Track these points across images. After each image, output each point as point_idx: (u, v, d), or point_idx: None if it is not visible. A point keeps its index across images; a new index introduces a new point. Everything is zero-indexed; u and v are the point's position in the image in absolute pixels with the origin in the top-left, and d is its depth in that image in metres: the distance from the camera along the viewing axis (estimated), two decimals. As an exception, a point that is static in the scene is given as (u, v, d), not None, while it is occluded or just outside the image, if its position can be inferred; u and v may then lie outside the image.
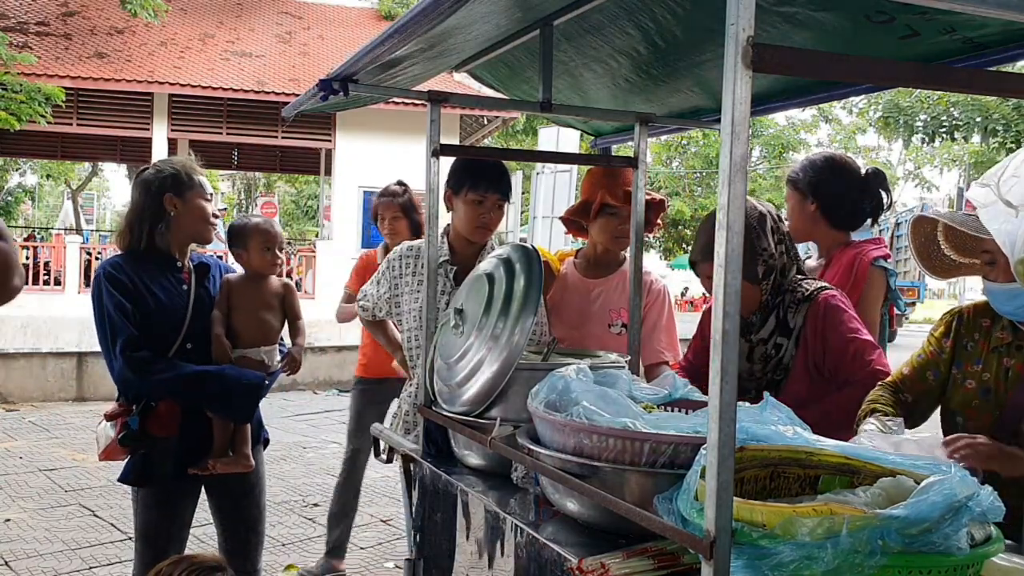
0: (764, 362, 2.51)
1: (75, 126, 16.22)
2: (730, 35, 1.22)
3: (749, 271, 2.43)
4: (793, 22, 2.20)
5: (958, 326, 2.23)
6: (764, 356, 2.50)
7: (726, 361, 1.26)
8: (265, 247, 3.21)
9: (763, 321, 2.51)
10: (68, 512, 6.08)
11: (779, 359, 2.48)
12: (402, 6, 22.00)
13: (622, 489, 1.69)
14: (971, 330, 2.19)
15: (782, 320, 2.49)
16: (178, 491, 3.04)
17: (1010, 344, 2.10)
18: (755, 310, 2.51)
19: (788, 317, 2.48)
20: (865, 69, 1.45)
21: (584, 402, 1.79)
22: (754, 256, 2.46)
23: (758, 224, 2.51)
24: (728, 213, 1.26)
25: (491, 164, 3.14)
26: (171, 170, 3.06)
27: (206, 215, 3.05)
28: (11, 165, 30.49)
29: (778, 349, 2.49)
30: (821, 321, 2.46)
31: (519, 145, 22.43)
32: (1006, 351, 2.11)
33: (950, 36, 2.09)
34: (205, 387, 2.96)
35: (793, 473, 1.72)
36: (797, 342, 2.47)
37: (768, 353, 2.50)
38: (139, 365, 2.86)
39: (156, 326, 2.94)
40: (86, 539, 5.48)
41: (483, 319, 2.37)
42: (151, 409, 2.94)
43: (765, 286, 2.50)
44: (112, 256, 3.11)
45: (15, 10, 17.19)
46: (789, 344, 2.48)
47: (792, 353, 2.47)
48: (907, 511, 1.30)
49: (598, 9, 2.43)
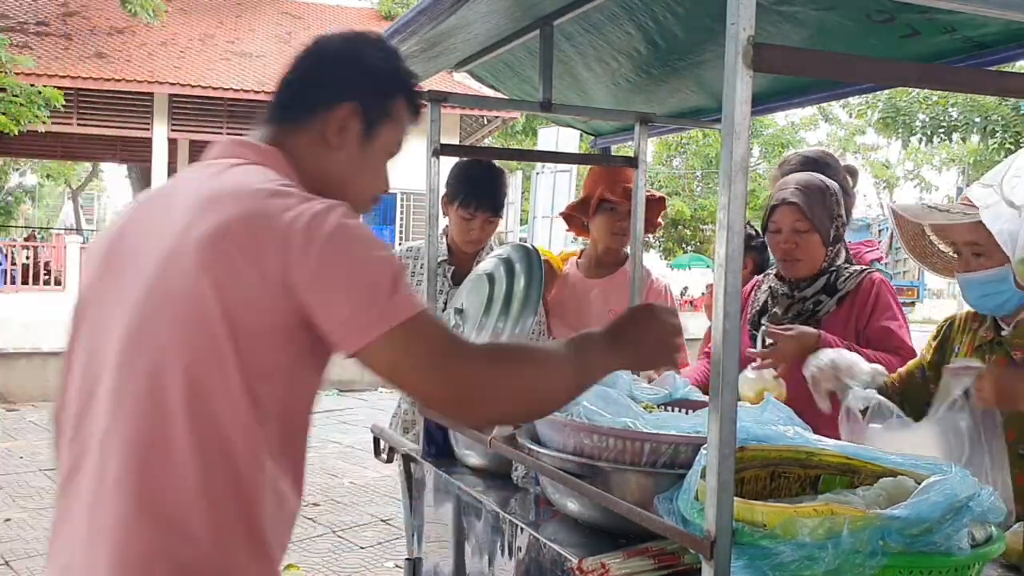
0: (797, 315, 2.54)
1: (75, 126, 16.21)
2: (730, 35, 1.22)
3: (824, 230, 2.51)
4: (793, 21, 2.20)
5: (948, 331, 2.23)
6: (800, 311, 2.55)
7: (727, 360, 1.26)
8: None
9: (813, 281, 2.56)
10: (68, 512, 6.08)
11: (814, 312, 2.53)
12: (402, 6, 22.01)
13: (623, 489, 1.69)
14: (960, 333, 2.19)
15: (830, 284, 2.55)
16: None
17: (992, 341, 2.09)
18: (816, 271, 2.54)
19: (838, 282, 2.54)
20: (866, 69, 1.45)
21: (584, 402, 1.78)
22: (832, 219, 2.54)
23: (839, 192, 2.59)
24: (729, 213, 1.26)
25: (485, 178, 3.14)
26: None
27: None
28: (11, 165, 30.51)
29: (816, 304, 2.54)
30: (875, 291, 2.52)
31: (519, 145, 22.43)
32: (988, 348, 2.10)
33: (951, 36, 2.09)
34: None
35: (794, 473, 1.72)
36: (839, 302, 2.51)
37: (805, 308, 2.55)
38: None
39: None
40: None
41: (483, 319, 2.37)
42: None
43: (831, 251, 2.55)
44: None
45: (15, 10, 17.19)
46: (830, 302, 2.52)
47: (830, 310, 2.51)
48: (908, 511, 1.30)
49: (598, 9, 2.43)
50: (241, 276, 1.25)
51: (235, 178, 1.36)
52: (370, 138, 1.49)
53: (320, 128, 1.45)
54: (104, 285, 1.37)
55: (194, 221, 1.28)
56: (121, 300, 1.32)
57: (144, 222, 1.40)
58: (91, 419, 1.32)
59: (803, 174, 2.65)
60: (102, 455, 1.29)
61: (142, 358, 1.28)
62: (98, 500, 1.28)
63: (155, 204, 1.44)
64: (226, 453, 1.27)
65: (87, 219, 35.98)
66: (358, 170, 1.50)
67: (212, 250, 1.25)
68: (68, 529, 1.34)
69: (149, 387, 1.27)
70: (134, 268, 1.33)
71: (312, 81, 1.48)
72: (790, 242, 2.51)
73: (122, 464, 1.27)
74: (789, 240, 2.51)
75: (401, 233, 18.03)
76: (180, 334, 1.26)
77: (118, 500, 1.26)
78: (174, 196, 1.39)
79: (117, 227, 1.44)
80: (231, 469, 1.28)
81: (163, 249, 1.29)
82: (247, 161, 1.41)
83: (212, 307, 1.24)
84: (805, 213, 2.47)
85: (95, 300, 1.39)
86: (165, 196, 1.44)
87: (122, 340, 1.30)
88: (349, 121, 1.46)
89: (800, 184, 2.52)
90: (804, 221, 2.48)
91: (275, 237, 1.25)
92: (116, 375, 1.30)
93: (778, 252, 2.56)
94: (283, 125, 1.47)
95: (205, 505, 1.26)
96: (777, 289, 2.62)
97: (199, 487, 1.26)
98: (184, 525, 1.26)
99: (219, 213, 1.28)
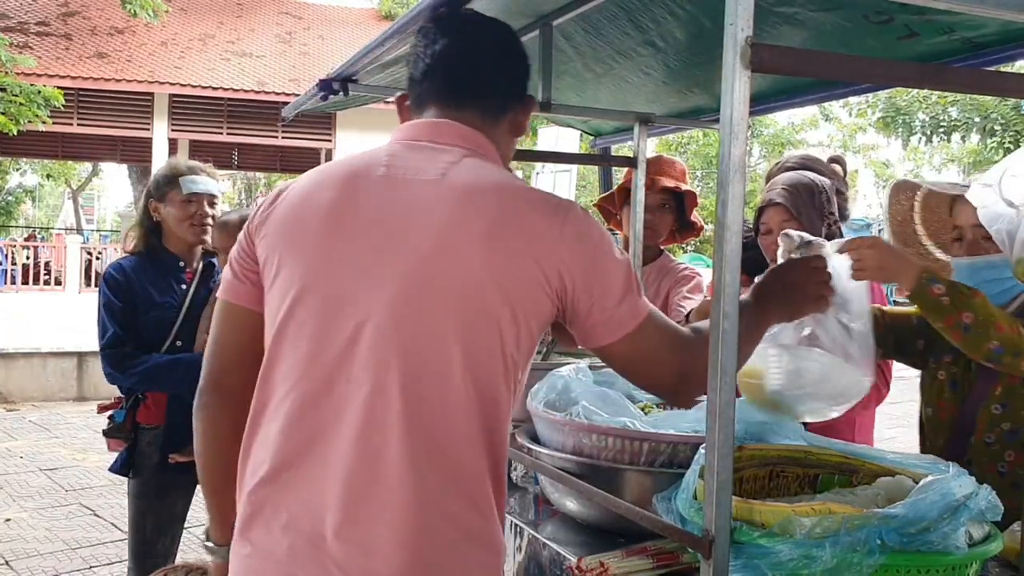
0: None
1: (75, 126, 16.22)
2: (729, 35, 1.22)
3: (815, 229, 2.49)
4: (792, 22, 2.20)
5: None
6: None
7: (725, 360, 1.26)
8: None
9: None
10: (68, 512, 6.08)
11: None
12: (402, 6, 21.99)
13: (621, 488, 1.69)
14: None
15: None
16: (168, 482, 3.09)
17: None
18: None
19: None
20: (864, 69, 1.45)
21: (583, 401, 1.79)
22: (823, 217, 2.54)
23: (830, 191, 2.59)
24: (728, 212, 1.26)
25: None
26: (157, 176, 3.16)
27: (186, 216, 3.08)
28: (11, 165, 30.51)
29: None
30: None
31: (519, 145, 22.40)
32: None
33: (949, 36, 2.09)
34: (176, 372, 3.00)
35: (792, 472, 1.72)
36: None
37: None
38: (117, 359, 2.99)
39: (150, 324, 3.05)
40: (86, 538, 5.49)
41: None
42: (141, 400, 3.09)
43: None
44: (120, 258, 3.23)
45: (15, 10, 17.19)
46: None
47: None
48: (905, 510, 1.31)
49: (597, 9, 2.43)
50: (522, 271, 1.33)
51: (484, 173, 1.42)
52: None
53: (513, 118, 1.56)
54: (339, 253, 1.38)
55: (463, 213, 1.34)
56: (375, 272, 1.34)
57: (385, 200, 1.39)
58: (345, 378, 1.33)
59: (792, 173, 2.63)
60: (374, 415, 1.31)
61: (419, 330, 1.32)
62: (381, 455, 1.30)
63: (392, 184, 1.41)
64: (499, 435, 1.38)
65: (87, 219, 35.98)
66: (512, 152, 1.63)
67: (493, 247, 1.32)
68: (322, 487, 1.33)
69: (431, 356, 1.32)
70: (389, 244, 1.35)
71: (509, 73, 1.56)
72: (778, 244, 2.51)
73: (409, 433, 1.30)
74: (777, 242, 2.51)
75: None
76: (461, 316, 1.32)
77: (408, 463, 1.30)
78: (410, 182, 1.40)
79: (332, 205, 1.42)
80: (500, 447, 1.38)
81: (431, 234, 1.34)
82: (470, 150, 1.46)
83: (494, 296, 1.32)
84: (792, 213, 2.47)
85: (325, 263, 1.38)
86: (395, 179, 1.42)
87: (389, 313, 1.32)
88: (526, 116, 1.59)
89: (787, 184, 2.52)
90: (792, 221, 2.47)
91: (549, 236, 1.34)
92: (385, 343, 1.32)
93: (770, 253, 2.56)
94: (486, 111, 1.52)
95: (486, 472, 1.35)
96: None
97: (483, 463, 1.35)
98: (470, 493, 1.33)
99: (491, 209, 1.35)
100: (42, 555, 5.20)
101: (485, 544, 1.34)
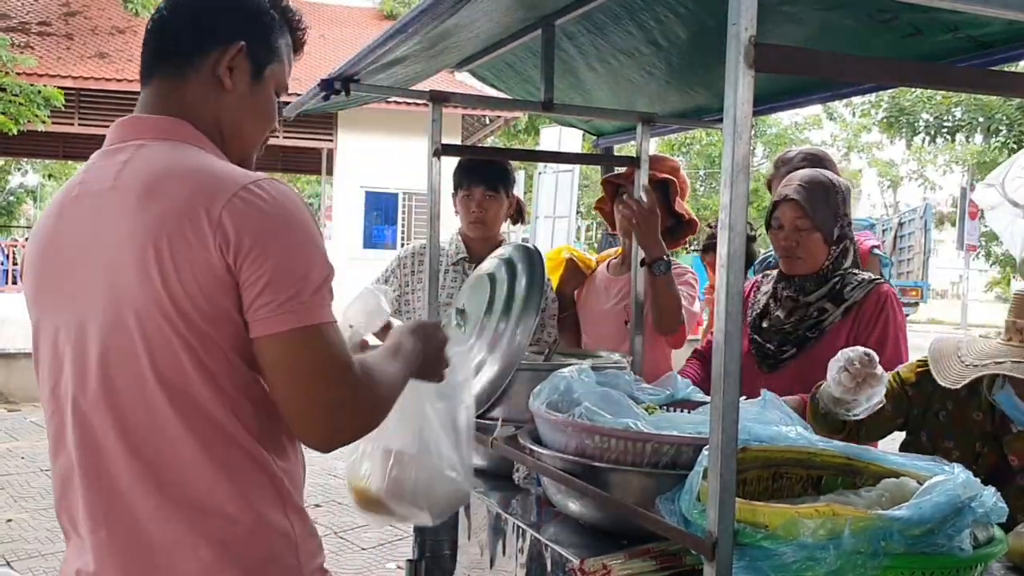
0: (800, 320, 2.51)
1: (76, 126, 16.20)
2: (732, 35, 1.22)
3: (827, 229, 2.48)
4: (796, 21, 2.19)
5: (931, 388, 2.08)
6: (804, 316, 2.52)
7: (728, 361, 1.26)
8: None
9: (818, 286, 2.52)
10: (70, 512, 6.08)
11: (818, 321, 2.49)
12: (404, 5, 21.99)
13: (624, 490, 1.68)
14: (945, 398, 2.08)
15: (836, 291, 2.51)
16: None
17: (987, 433, 2.01)
18: (818, 269, 2.52)
19: (844, 291, 2.50)
20: (867, 68, 1.44)
21: (586, 402, 1.78)
22: (836, 218, 2.50)
23: (845, 191, 2.57)
24: (730, 213, 1.25)
25: (480, 162, 3.15)
26: None
27: None
28: (13, 165, 30.52)
29: (821, 312, 2.50)
30: (883, 306, 2.47)
31: (521, 144, 22.43)
32: (980, 437, 2.02)
33: (953, 35, 2.08)
34: None
35: (796, 474, 1.71)
36: (846, 312, 2.48)
37: (809, 314, 2.51)
38: None
39: None
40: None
41: (485, 319, 2.37)
42: None
43: (834, 250, 2.52)
44: None
45: (17, 10, 17.21)
46: (836, 312, 2.48)
47: (835, 320, 2.48)
48: (910, 512, 1.30)
49: (600, 8, 2.42)
50: (192, 264, 1.24)
51: (155, 163, 1.33)
52: (259, 78, 1.48)
53: (210, 71, 1.43)
54: (49, 299, 1.39)
55: (131, 219, 1.27)
56: (76, 314, 1.33)
57: (75, 226, 1.37)
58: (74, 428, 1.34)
59: (809, 170, 2.60)
60: (102, 465, 1.31)
61: (119, 370, 1.29)
62: (114, 505, 1.31)
63: (79, 205, 1.39)
64: (215, 425, 1.29)
65: (89, 219, 35.91)
66: (251, 112, 1.49)
67: (156, 244, 1.25)
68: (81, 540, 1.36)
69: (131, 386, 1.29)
70: (84, 279, 1.32)
71: (195, 24, 1.44)
72: (791, 240, 2.48)
73: (131, 465, 1.29)
74: (790, 238, 2.48)
75: (403, 233, 18.02)
76: (142, 335, 1.27)
77: (143, 498, 1.29)
78: (94, 194, 1.36)
79: (46, 233, 1.41)
80: (226, 437, 1.30)
81: (108, 255, 1.29)
82: (143, 142, 1.38)
83: (164, 300, 1.25)
84: (806, 211, 2.45)
85: (46, 313, 1.40)
86: (84, 195, 1.38)
87: (95, 360, 1.31)
88: (238, 61, 1.44)
89: (804, 181, 2.49)
90: (805, 219, 2.45)
91: (213, 220, 1.24)
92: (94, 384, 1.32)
93: (779, 249, 2.54)
94: (169, 76, 1.44)
95: (220, 475, 1.29)
96: (780, 291, 2.59)
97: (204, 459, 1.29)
98: (210, 500, 1.29)
99: (158, 206, 1.27)
100: (43, 556, 5.19)
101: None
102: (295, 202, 1.31)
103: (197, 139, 1.40)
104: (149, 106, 1.45)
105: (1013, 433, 1.97)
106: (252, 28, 1.46)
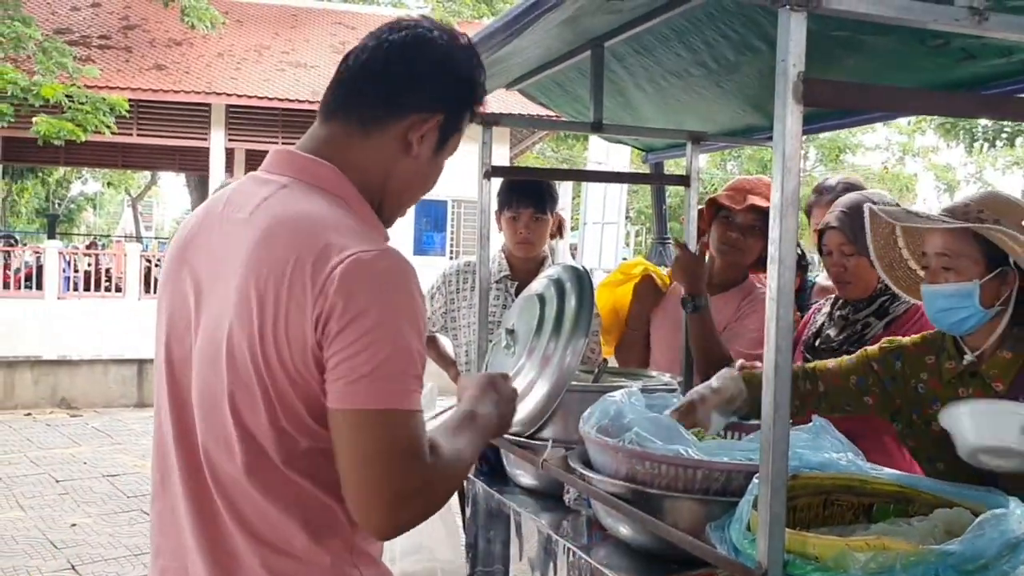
0: (847, 337, 2.52)
1: (135, 136, 16.58)
2: (780, 71, 1.23)
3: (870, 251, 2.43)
4: (846, 46, 2.19)
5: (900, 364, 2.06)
6: (851, 333, 2.53)
7: (779, 395, 1.27)
8: None
9: (869, 304, 2.53)
10: (131, 517, 6.23)
11: (861, 334, 2.50)
12: (453, 15, 22.13)
13: (675, 516, 1.69)
14: (917, 370, 2.05)
15: (883, 307, 2.52)
16: None
17: (962, 373, 1.98)
18: (871, 292, 2.52)
19: (891, 307, 2.51)
20: (920, 101, 1.44)
21: (636, 428, 1.80)
22: None
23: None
24: (780, 247, 1.26)
25: (526, 182, 3.18)
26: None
27: None
28: (73, 174, 31.31)
29: (865, 326, 2.52)
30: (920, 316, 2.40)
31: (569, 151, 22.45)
32: (959, 381, 1.98)
33: (1007, 60, 2.06)
34: None
35: (847, 501, 1.71)
36: (887, 326, 2.48)
37: (855, 330, 2.52)
38: None
39: None
40: (148, 545, 5.61)
41: (534, 339, 2.39)
42: None
43: None
44: None
45: (79, 25, 17.65)
46: (878, 325, 2.49)
47: (877, 333, 2.48)
48: (963, 547, 1.30)
49: (649, 31, 2.44)
50: (289, 321, 1.24)
51: (291, 206, 1.33)
52: (442, 148, 1.45)
53: (400, 135, 1.39)
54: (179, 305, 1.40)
55: (246, 259, 1.29)
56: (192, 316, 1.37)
57: (209, 242, 1.39)
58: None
59: (853, 195, 2.58)
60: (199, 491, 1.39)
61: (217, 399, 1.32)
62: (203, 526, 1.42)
63: (220, 222, 1.40)
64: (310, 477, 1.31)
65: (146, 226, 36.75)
66: (422, 179, 1.46)
67: (259, 290, 1.26)
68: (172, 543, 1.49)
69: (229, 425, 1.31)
70: (208, 285, 1.36)
71: (405, 87, 1.38)
72: (839, 265, 2.48)
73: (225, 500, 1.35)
74: (838, 264, 2.48)
75: (452, 240, 18.12)
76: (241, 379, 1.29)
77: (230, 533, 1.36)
78: (230, 220, 1.38)
79: (185, 242, 1.43)
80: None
81: (234, 274, 1.30)
82: (292, 179, 1.38)
83: (256, 346, 1.27)
84: (848, 237, 2.44)
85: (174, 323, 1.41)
86: (224, 218, 1.40)
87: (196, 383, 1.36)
88: (433, 132, 1.41)
89: (846, 207, 2.49)
90: (849, 245, 2.44)
91: (317, 282, 1.23)
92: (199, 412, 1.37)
93: (831, 275, 2.55)
94: (350, 126, 1.40)
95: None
96: (835, 311, 2.60)
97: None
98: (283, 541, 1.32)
99: (273, 254, 1.27)
100: (106, 560, 5.34)
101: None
102: (406, 279, 1.27)
103: (344, 191, 1.37)
104: (313, 146, 1.42)
105: (987, 361, 1.95)
106: (453, 100, 1.43)
